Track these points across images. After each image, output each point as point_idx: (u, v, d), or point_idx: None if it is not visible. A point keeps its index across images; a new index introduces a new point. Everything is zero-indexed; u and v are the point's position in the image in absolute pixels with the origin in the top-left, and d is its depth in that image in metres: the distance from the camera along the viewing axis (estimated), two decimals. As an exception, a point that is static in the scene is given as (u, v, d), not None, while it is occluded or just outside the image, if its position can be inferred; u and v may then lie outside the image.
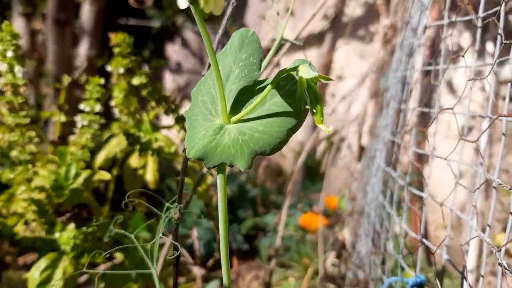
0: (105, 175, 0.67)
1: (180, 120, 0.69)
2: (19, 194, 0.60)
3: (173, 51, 3.29)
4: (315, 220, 2.03)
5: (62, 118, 0.84)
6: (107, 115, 0.83)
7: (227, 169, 0.26)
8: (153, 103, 0.67)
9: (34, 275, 0.58)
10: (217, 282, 1.77)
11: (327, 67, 2.85)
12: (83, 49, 2.55)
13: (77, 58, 2.54)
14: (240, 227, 2.36)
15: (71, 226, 0.61)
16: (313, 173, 2.78)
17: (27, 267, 1.93)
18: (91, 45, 2.53)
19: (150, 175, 0.70)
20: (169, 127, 0.74)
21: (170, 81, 3.22)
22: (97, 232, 0.61)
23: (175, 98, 0.74)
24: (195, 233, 0.92)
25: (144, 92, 0.68)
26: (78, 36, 2.56)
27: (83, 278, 0.90)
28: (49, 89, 2.06)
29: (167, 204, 0.37)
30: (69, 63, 2.32)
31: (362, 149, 1.28)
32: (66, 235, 0.59)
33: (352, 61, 2.70)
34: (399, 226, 0.66)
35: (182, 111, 0.72)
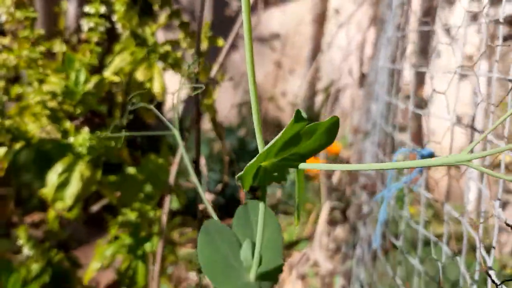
0: (115, 78, 0.67)
1: (183, 26, 0.69)
2: (32, 97, 0.60)
3: None
4: (316, 163, 2.06)
5: (64, 47, 0.84)
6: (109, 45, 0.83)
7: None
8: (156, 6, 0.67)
9: (51, 179, 0.59)
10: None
11: (322, 16, 2.81)
12: (72, 8, 2.50)
13: (66, 16, 2.48)
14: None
15: (85, 129, 0.62)
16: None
17: (35, 225, 1.95)
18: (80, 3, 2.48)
19: (157, 87, 0.70)
20: (172, 42, 0.74)
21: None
22: (111, 139, 0.62)
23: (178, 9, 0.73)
24: (203, 160, 0.93)
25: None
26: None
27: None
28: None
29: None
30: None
31: (363, 76, 1.29)
32: (81, 137, 0.59)
33: (348, 8, 2.65)
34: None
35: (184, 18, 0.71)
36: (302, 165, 0.30)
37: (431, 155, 0.51)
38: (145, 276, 0.77)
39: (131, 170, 0.74)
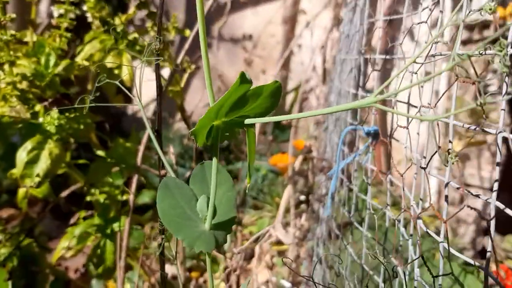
0: (83, 62, 0.70)
1: (151, 15, 0.73)
2: (2, 79, 0.63)
3: None
4: (284, 159, 2.12)
5: (34, 37, 0.86)
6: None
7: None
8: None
9: (21, 156, 0.61)
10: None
11: (293, 19, 2.87)
12: (43, 7, 2.49)
13: (38, 15, 2.47)
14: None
15: (54, 110, 0.64)
16: (282, 123, 2.85)
17: (6, 220, 1.93)
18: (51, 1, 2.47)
19: (126, 73, 0.73)
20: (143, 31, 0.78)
21: None
22: (79, 118, 0.65)
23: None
24: (171, 149, 0.97)
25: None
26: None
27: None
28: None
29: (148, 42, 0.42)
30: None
31: (325, 72, 1.35)
32: (50, 116, 0.62)
33: (316, 10, 2.72)
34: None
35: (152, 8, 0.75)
36: (247, 121, 0.34)
37: (376, 132, 0.56)
38: (113, 255, 0.79)
39: (100, 153, 0.77)
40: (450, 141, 0.39)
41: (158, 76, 0.43)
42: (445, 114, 0.24)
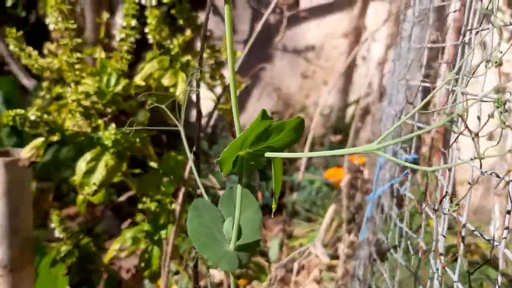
0: (140, 82, 0.76)
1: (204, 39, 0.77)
2: (69, 96, 0.70)
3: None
4: (340, 173, 2.10)
5: (102, 54, 0.94)
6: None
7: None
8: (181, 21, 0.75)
9: (80, 166, 0.68)
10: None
11: (358, 30, 2.84)
12: (119, 18, 2.66)
13: (114, 26, 2.65)
14: (267, 184, 2.45)
15: (112, 125, 0.71)
16: (341, 134, 2.83)
17: (70, 218, 2.09)
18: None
19: (180, 91, 0.78)
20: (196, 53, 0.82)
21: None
22: (135, 134, 0.71)
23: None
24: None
25: (172, 11, 0.76)
26: (114, 5, 2.68)
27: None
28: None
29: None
30: (107, 31, 2.44)
31: (381, 89, 1.33)
32: (108, 132, 0.68)
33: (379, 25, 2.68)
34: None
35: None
36: (267, 154, 0.36)
37: (415, 161, 0.56)
38: (159, 260, 0.85)
39: (153, 164, 0.83)
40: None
41: (198, 101, 0.47)
42: None
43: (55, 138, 0.73)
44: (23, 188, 0.84)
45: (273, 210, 0.43)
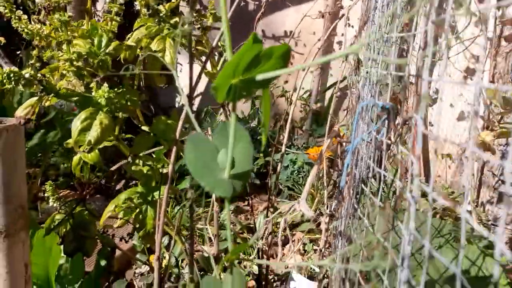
0: (131, 43, 0.79)
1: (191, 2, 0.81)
2: (61, 56, 0.73)
3: None
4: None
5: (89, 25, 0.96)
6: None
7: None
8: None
9: (75, 124, 0.71)
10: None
11: (333, 15, 2.90)
12: (99, 7, 2.66)
13: (96, 14, 2.65)
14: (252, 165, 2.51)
15: (105, 85, 0.74)
16: (320, 117, 2.89)
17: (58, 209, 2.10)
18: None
19: (168, 56, 0.82)
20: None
21: None
22: (126, 94, 0.74)
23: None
24: (209, 131, 1.05)
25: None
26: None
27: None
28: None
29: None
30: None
31: (358, 62, 1.38)
32: (101, 90, 0.71)
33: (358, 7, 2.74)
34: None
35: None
36: (259, 76, 0.40)
37: (392, 107, 0.61)
38: (153, 221, 0.89)
39: (144, 128, 0.86)
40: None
41: (190, 50, 0.50)
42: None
43: (48, 101, 0.76)
44: (16, 155, 0.86)
45: (263, 146, 0.48)
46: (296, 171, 2.47)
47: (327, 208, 1.81)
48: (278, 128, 2.89)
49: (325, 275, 1.70)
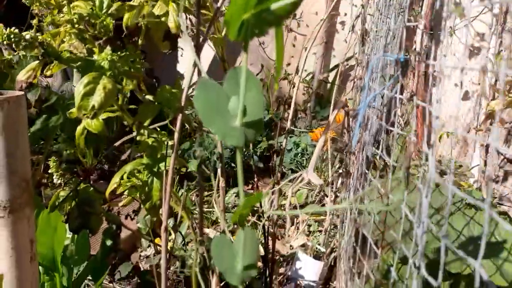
0: (134, 3, 0.77)
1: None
2: (62, 17, 0.71)
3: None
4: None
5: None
6: None
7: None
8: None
9: (78, 89, 0.69)
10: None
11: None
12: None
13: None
14: (255, 149, 2.49)
15: (108, 47, 0.72)
16: (323, 100, 2.87)
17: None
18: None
19: (172, 21, 0.80)
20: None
21: None
22: (130, 57, 0.72)
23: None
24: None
25: None
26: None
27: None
28: None
29: None
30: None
31: (364, 35, 1.36)
32: (104, 52, 0.69)
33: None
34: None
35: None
36: (273, 5, 0.38)
37: (406, 60, 0.59)
38: (160, 192, 0.87)
39: (148, 97, 0.84)
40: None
41: (199, 7, 0.48)
42: None
43: (50, 70, 0.74)
44: (18, 126, 0.84)
45: (275, 88, 0.46)
46: (299, 154, 2.45)
47: (331, 189, 1.79)
48: (281, 111, 2.87)
49: (333, 249, 1.69)
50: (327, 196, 2.27)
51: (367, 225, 0.87)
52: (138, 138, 0.84)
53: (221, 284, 1.38)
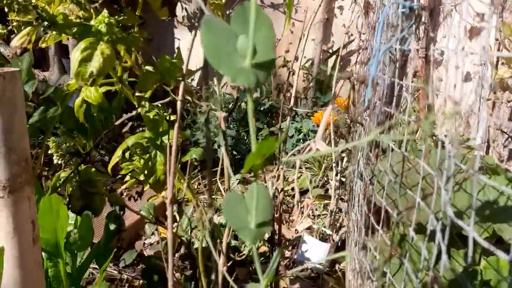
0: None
1: None
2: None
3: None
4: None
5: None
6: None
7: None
8: None
9: (75, 54, 0.66)
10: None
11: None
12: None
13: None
14: (257, 136, 2.47)
15: (105, 10, 0.69)
16: (323, 86, 2.84)
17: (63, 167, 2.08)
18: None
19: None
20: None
21: None
22: (127, 21, 0.69)
23: None
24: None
25: None
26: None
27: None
28: None
29: None
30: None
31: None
32: (101, 15, 0.66)
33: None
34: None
35: None
36: None
37: (421, 7, 0.56)
38: (163, 166, 0.84)
39: (148, 67, 0.82)
40: None
41: None
42: None
43: (45, 42, 0.71)
44: (15, 100, 0.82)
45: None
46: (301, 140, 2.43)
47: (335, 174, 1.77)
48: (281, 98, 2.84)
49: (341, 226, 1.67)
50: (331, 180, 2.24)
51: (380, 192, 0.85)
52: (139, 110, 0.81)
53: (228, 264, 1.36)
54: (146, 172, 0.85)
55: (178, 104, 0.75)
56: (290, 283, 1.54)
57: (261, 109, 2.57)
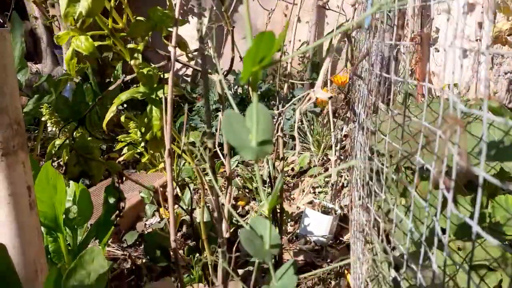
0: None
1: None
2: None
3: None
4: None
5: None
6: None
7: None
8: None
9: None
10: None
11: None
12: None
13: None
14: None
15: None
16: (319, 68, 2.82)
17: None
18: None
19: None
20: None
21: None
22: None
23: None
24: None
25: None
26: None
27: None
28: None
29: None
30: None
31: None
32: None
33: None
34: None
35: None
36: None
37: None
38: (160, 121, 0.82)
39: (139, 18, 0.80)
40: None
41: None
42: None
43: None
44: (5, 61, 0.80)
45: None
46: (299, 121, 2.41)
47: (335, 153, 1.75)
48: (276, 82, 2.82)
49: (345, 191, 1.65)
50: (329, 159, 2.22)
51: (383, 142, 0.83)
52: (131, 62, 0.79)
53: (231, 230, 1.33)
54: (142, 129, 0.83)
55: (172, 50, 0.73)
56: (294, 255, 1.52)
57: (258, 92, 2.56)
